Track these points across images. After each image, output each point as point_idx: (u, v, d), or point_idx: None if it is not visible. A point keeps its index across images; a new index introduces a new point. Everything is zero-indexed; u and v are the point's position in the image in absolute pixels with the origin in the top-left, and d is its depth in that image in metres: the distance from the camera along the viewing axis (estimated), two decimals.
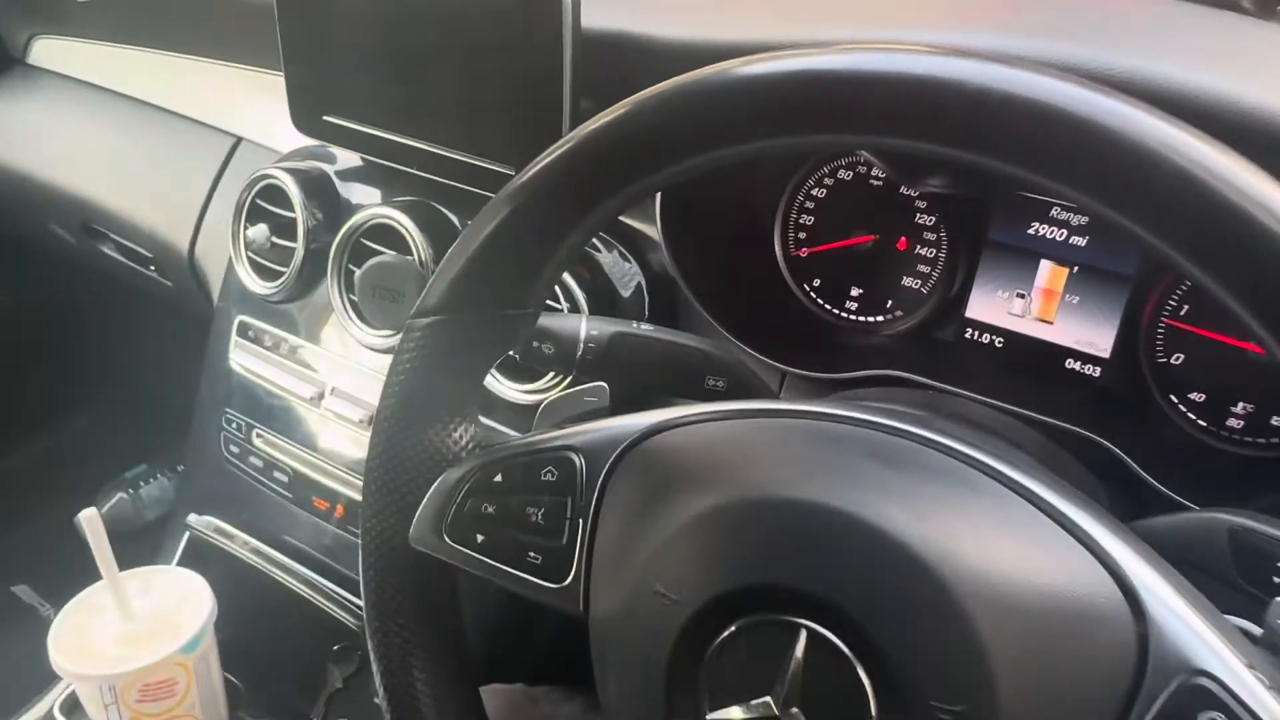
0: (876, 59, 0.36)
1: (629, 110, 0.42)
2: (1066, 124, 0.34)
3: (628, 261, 0.76)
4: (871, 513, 0.40)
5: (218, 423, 0.93)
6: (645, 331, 0.59)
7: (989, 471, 0.42)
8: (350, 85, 0.82)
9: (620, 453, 0.47)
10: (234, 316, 0.93)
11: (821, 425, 0.45)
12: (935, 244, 0.72)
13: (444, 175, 0.78)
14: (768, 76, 0.38)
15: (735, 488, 0.43)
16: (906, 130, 0.37)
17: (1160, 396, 0.67)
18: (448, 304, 0.47)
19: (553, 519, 0.47)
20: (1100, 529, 0.40)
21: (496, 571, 0.49)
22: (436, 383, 0.49)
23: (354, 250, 0.83)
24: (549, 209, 0.45)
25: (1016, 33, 0.57)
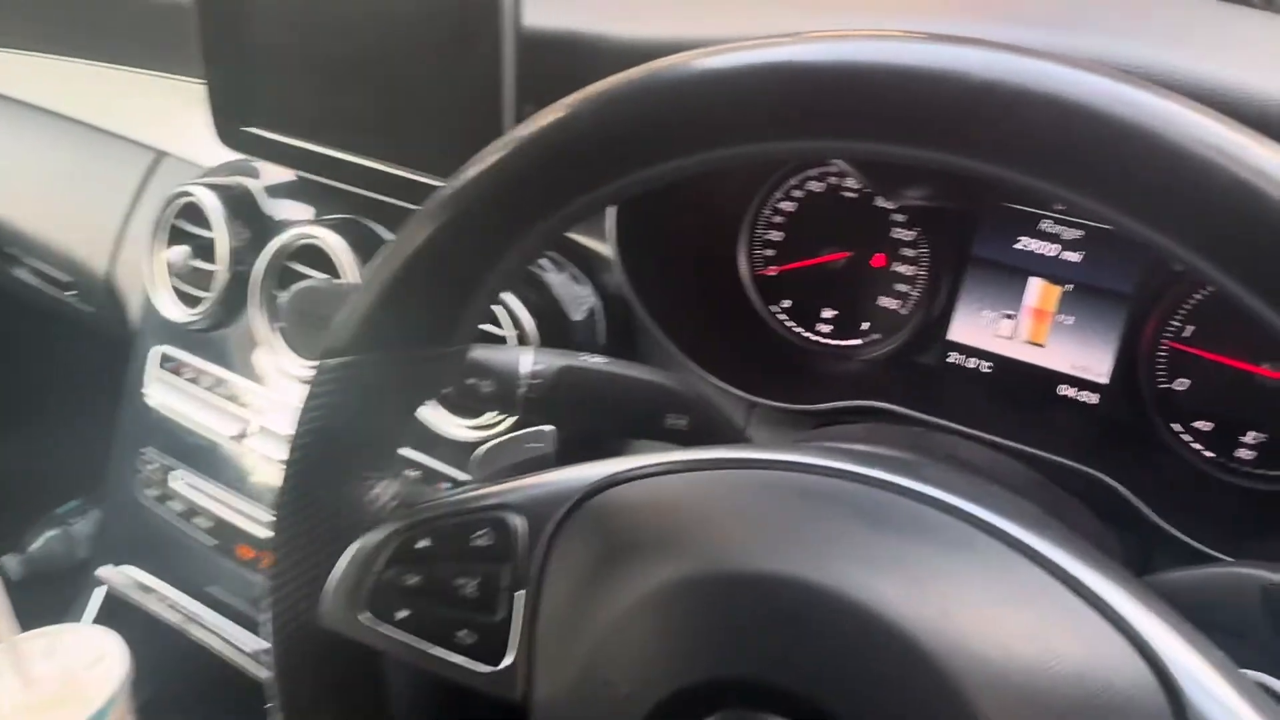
0: (864, 47, 0.30)
1: (566, 114, 0.36)
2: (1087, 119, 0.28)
3: (580, 284, 0.69)
4: (857, 588, 0.34)
5: (134, 466, 0.86)
6: (596, 364, 0.53)
7: (994, 531, 0.36)
8: (276, 94, 0.75)
9: (565, 513, 0.41)
10: (153, 347, 0.85)
11: (798, 478, 0.38)
12: (915, 261, 0.66)
13: (377, 190, 0.72)
14: (734, 71, 0.32)
15: (698, 558, 0.37)
16: (898, 135, 0.30)
17: (1163, 426, 0.61)
18: (360, 343, 0.40)
19: (487, 591, 0.41)
20: (1124, 597, 0.34)
21: (421, 653, 0.42)
22: (351, 433, 0.42)
23: (280, 273, 0.76)
24: (475, 231, 0.38)
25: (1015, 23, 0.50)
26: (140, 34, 0.94)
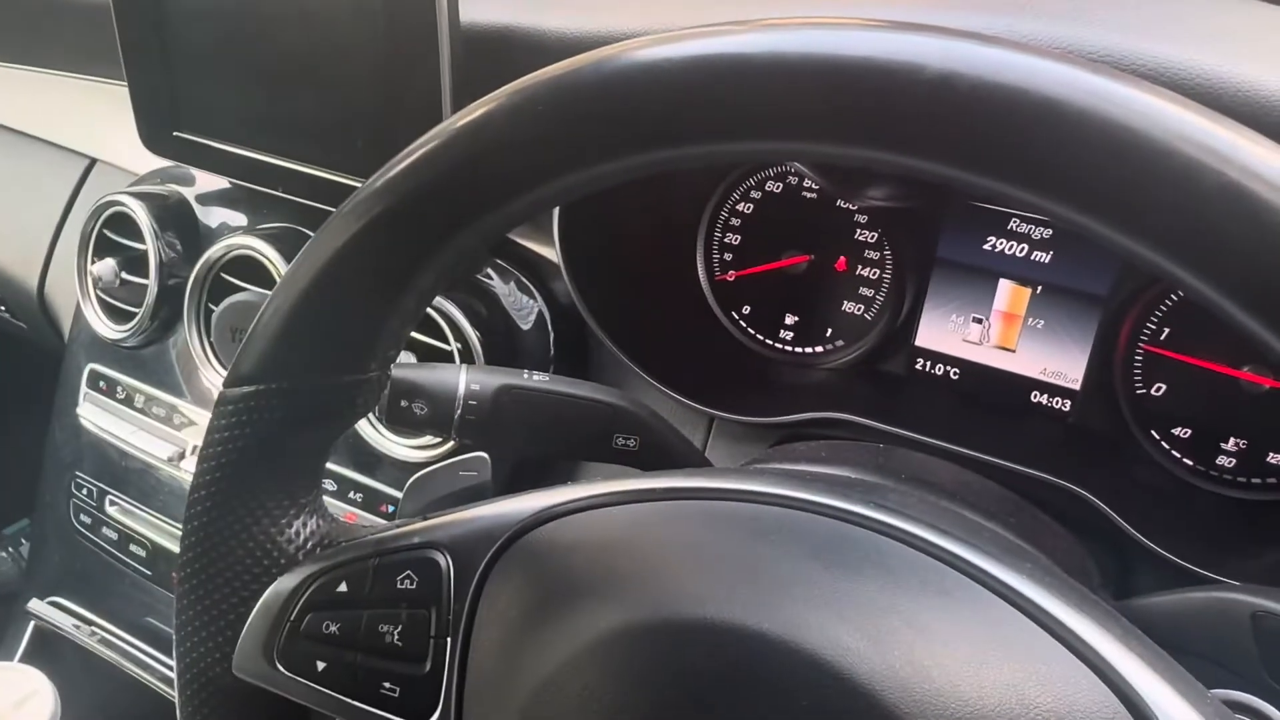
0: (794, 37, 0.27)
1: (482, 114, 0.32)
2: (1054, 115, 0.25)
3: (528, 294, 0.66)
4: (816, 638, 0.31)
5: (67, 488, 0.81)
6: (538, 384, 0.49)
7: (960, 566, 0.33)
8: (204, 97, 0.71)
9: (496, 550, 0.37)
10: (84, 364, 0.81)
11: (750, 510, 0.35)
12: (878, 264, 0.63)
13: (313, 197, 0.68)
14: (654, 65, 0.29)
15: (640, 604, 0.33)
16: (834, 135, 0.27)
17: (1140, 433, 0.59)
18: (267, 370, 0.37)
19: (412, 639, 0.37)
20: (1105, 638, 0.31)
21: (343, 707, 0.38)
22: (258, 468, 0.38)
23: (213, 286, 0.72)
24: (389, 245, 0.35)
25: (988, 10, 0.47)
26: (70, 37, 0.89)
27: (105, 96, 0.91)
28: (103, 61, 0.89)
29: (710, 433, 0.64)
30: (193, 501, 0.39)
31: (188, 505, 0.39)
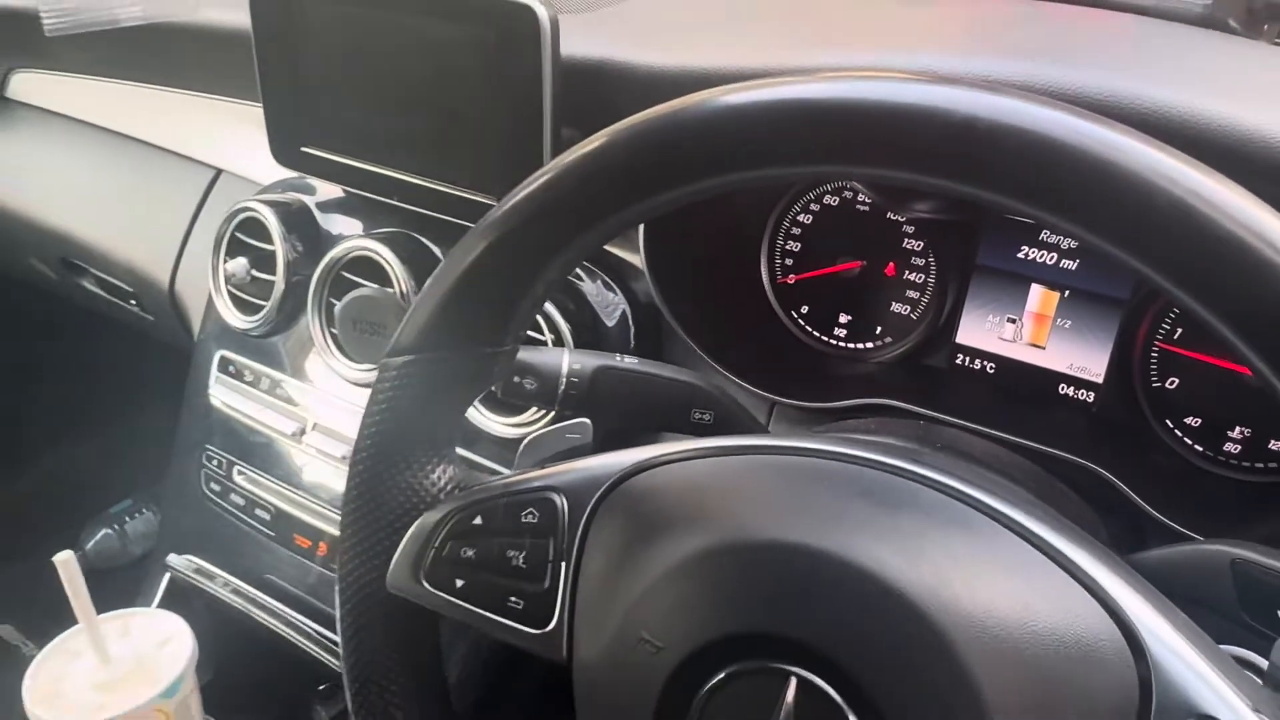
0: (857, 87, 0.35)
1: (605, 142, 0.41)
2: (1054, 153, 0.33)
3: (612, 291, 0.75)
4: (862, 555, 0.39)
5: (198, 460, 0.92)
6: (629, 365, 0.58)
7: (983, 508, 0.41)
8: (329, 117, 0.81)
9: (603, 493, 0.46)
10: (214, 351, 0.91)
11: (810, 463, 0.43)
12: (924, 269, 0.71)
13: (424, 206, 0.77)
14: (746, 107, 0.37)
15: (721, 530, 0.42)
16: (887, 160, 0.35)
17: (1155, 422, 0.66)
18: (423, 343, 0.46)
19: (534, 562, 0.46)
20: (1099, 567, 0.39)
21: (477, 617, 0.47)
22: (413, 423, 0.47)
23: (335, 283, 0.82)
24: (525, 244, 0.43)
25: (1002, 56, 0.56)
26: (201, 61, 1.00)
27: (229, 114, 1.01)
28: (229, 83, 0.99)
29: (771, 416, 0.72)
30: (358, 449, 0.48)
31: (354, 452, 0.48)
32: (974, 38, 0.63)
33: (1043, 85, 0.52)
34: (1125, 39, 0.63)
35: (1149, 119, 0.50)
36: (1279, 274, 0.31)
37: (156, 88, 1.06)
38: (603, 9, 0.79)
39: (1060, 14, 0.68)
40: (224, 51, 0.92)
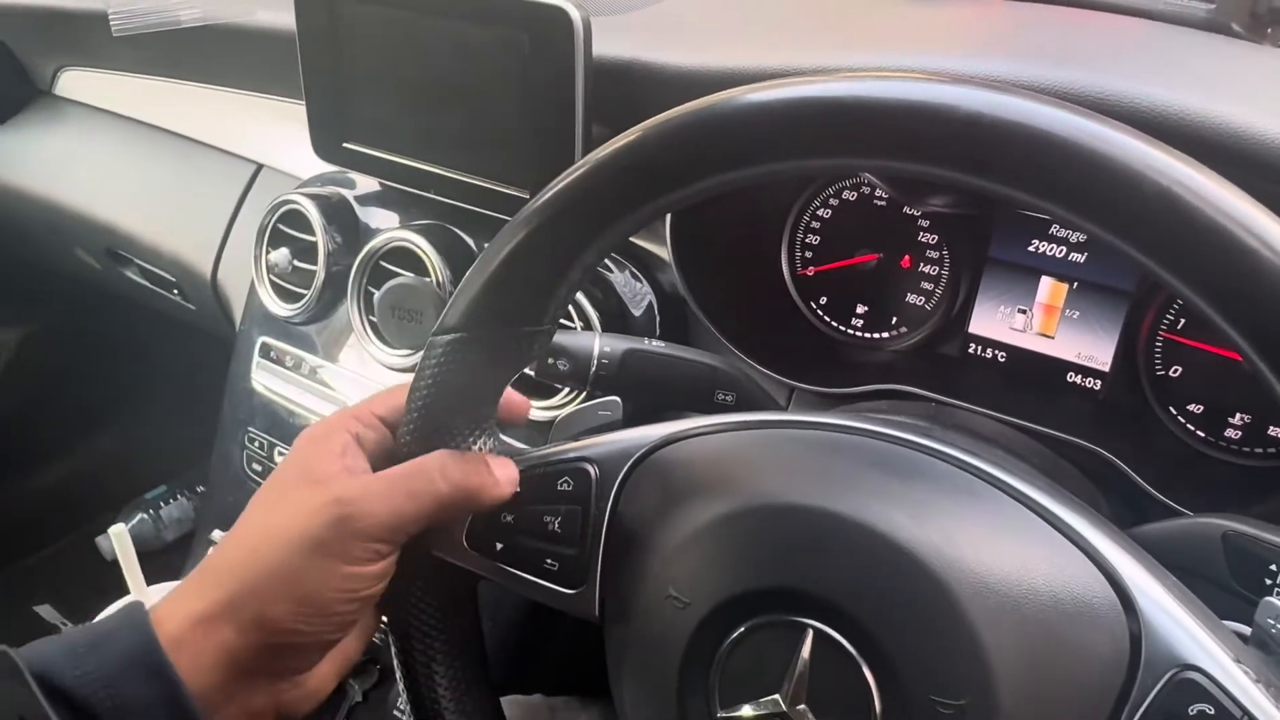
0: (871, 86, 0.38)
1: (637, 137, 0.44)
2: (1050, 145, 0.36)
3: (639, 281, 0.78)
4: (874, 517, 0.42)
5: (240, 441, 0.96)
6: (656, 348, 0.61)
7: (987, 478, 0.44)
8: (369, 114, 0.84)
9: (633, 463, 0.49)
10: (256, 338, 0.95)
11: (827, 435, 0.47)
12: (938, 262, 0.74)
13: (460, 199, 0.81)
14: (768, 104, 0.40)
15: (744, 496, 0.45)
16: (899, 154, 0.39)
17: (1159, 408, 0.68)
18: (468, 322, 0.49)
19: (569, 527, 0.49)
20: (1094, 532, 0.42)
21: (515, 578, 0.51)
22: (457, 397, 0.50)
23: (373, 272, 0.85)
24: (564, 230, 0.46)
25: (1010, 57, 0.59)
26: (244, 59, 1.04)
27: (270, 111, 1.05)
28: (272, 81, 1.03)
29: (790, 400, 0.75)
30: (406, 422, 0.52)
31: (403, 425, 0.52)
32: (984, 41, 0.66)
33: (1048, 86, 0.55)
34: (1129, 42, 0.66)
35: (1149, 119, 0.53)
36: (1259, 259, 0.34)
37: (200, 85, 1.10)
38: (632, 12, 0.83)
39: (1066, 18, 0.71)
40: (268, 51, 0.96)
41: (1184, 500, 0.62)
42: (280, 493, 0.47)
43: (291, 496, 0.46)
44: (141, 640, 0.41)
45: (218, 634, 0.43)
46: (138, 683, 0.40)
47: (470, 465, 0.48)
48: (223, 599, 0.43)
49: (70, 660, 0.40)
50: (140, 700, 0.40)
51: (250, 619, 0.43)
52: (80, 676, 0.40)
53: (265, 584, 0.43)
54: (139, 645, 0.41)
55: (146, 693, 0.40)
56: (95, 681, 0.40)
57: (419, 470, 0.47)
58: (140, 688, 0.40)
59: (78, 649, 0.41)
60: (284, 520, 0.45)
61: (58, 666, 0.40)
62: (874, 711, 0.41)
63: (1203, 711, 0.38)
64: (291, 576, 0.43)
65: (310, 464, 0.47)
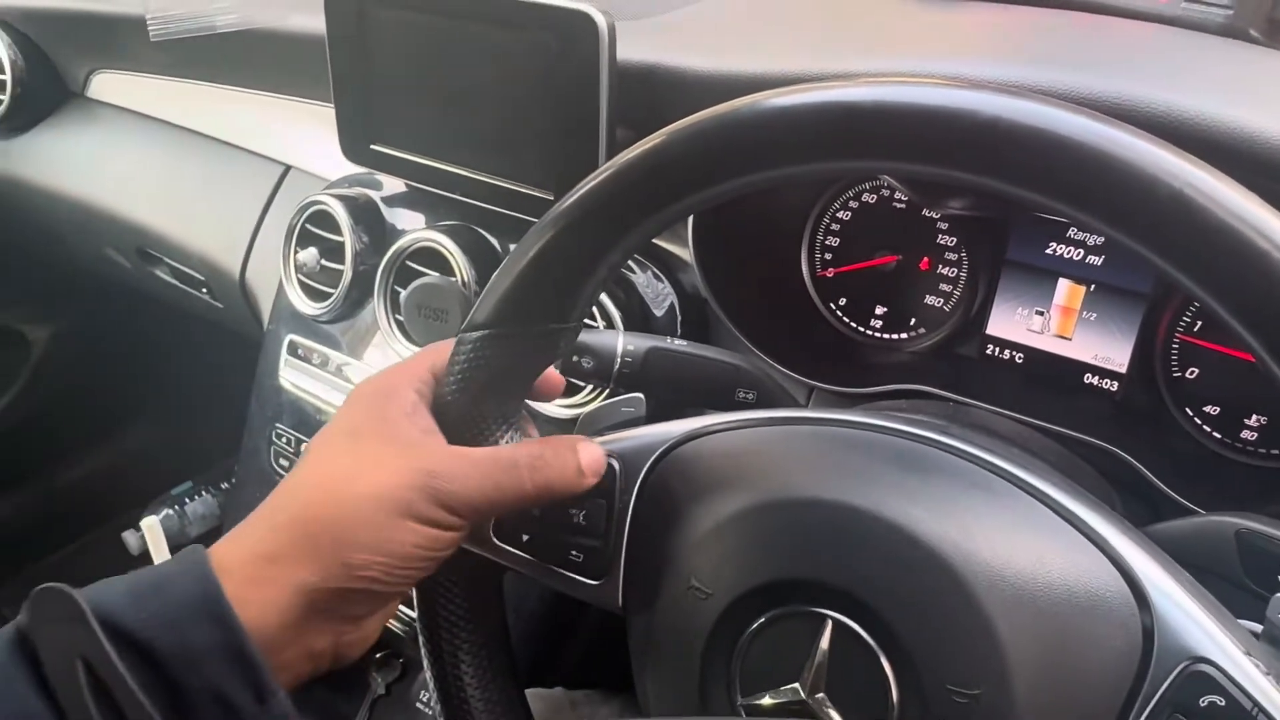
0: (891, 91, 0.39)
1: (664, 139, 0.45)
2: (1066, 149, 0.37)
3: (661, 282, 0.79)
4: (893, 511, 0.43)
5: (268, 438, 0.97)
6: (679, 347, 0.63)
7: (1004, 475, 0.45)
8: (397, 116, 0.86)
9: (656, 458, 0.50)
10: (284, 336, 0.97)
11: (846, 432, 0.48)
12: (957, 264, 0.75)
13: (485, 200, 0.82)
14: (790, 108, 0.42)
15: (764, 489, 0.46)
16: (918, 157, 0.40)
17: (1176, 410, 0.69)
18: (496, 319, 0.50)
19: (593, 520, 0.51)
20: (1109, 528, 0.43)
21: (541, 569, 0.52)
22: (485, 392, 0.52)
23: (399, 272, 0.87)
24: (591, 230, 0.48)
25: (1027, 63, 0.60)
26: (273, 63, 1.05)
27: (298, 113, 1.07)
28: (300, 84, 1.04)
29: (810, 400, 0.77)
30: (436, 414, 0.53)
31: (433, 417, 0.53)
32: (1001, 46, 0.67)
33: (1064, 91, 0.56)
34: (1146, 48, 0.67)
35: (1165, 124, 0.54)
36: (1269, 261, 0.35)
37: (230, 88, 1.12)
38: (655, 17, 0.84)
39: (1083, 23, 0.72)
40: (297, 55, 0.98)
41: (1199, 500, 0.63)
42: (356, 444, 0.47)
43: (372, 451, 0.47)
44: (203, 584, 0.42)
45: (294, 574, 0.43)
46: (199, 627, 0.41)
47: (559, 460, 0.48)
48: (301, 540, 0.44)
49: (133, 603, 0.41)
50: (202, 644, 0.41)
51: (332, 562, 0.44)
52: (143, 619, 0.40)
53: (349, 531, 0.44)
54: (201, 589, 0.41)
55: (209, 637, 0.41)
56: (158, 624, 0.40)
57: (510, 464, 0.47)
58: (202, 632, 0.41)
59: (140, 592, 0.41)
60: (370, 475, 0.45)
61: (120, 609, 0.40)
62: (891, 701, 0.42)
63: (1213, 703, 0.39)
64: (378, 529, 0.44)
65: (387, 420, 0.48)
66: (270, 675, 0.42)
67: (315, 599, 0.44)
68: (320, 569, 0.44)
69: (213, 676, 0.41)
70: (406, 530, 0.45)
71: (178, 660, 0.40)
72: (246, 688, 0.41)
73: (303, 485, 0.47)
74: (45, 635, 0.40)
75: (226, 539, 0.46)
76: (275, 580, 0.43)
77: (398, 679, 1.00)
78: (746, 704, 0.45)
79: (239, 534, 0.46)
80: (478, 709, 0.55)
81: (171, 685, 0.40)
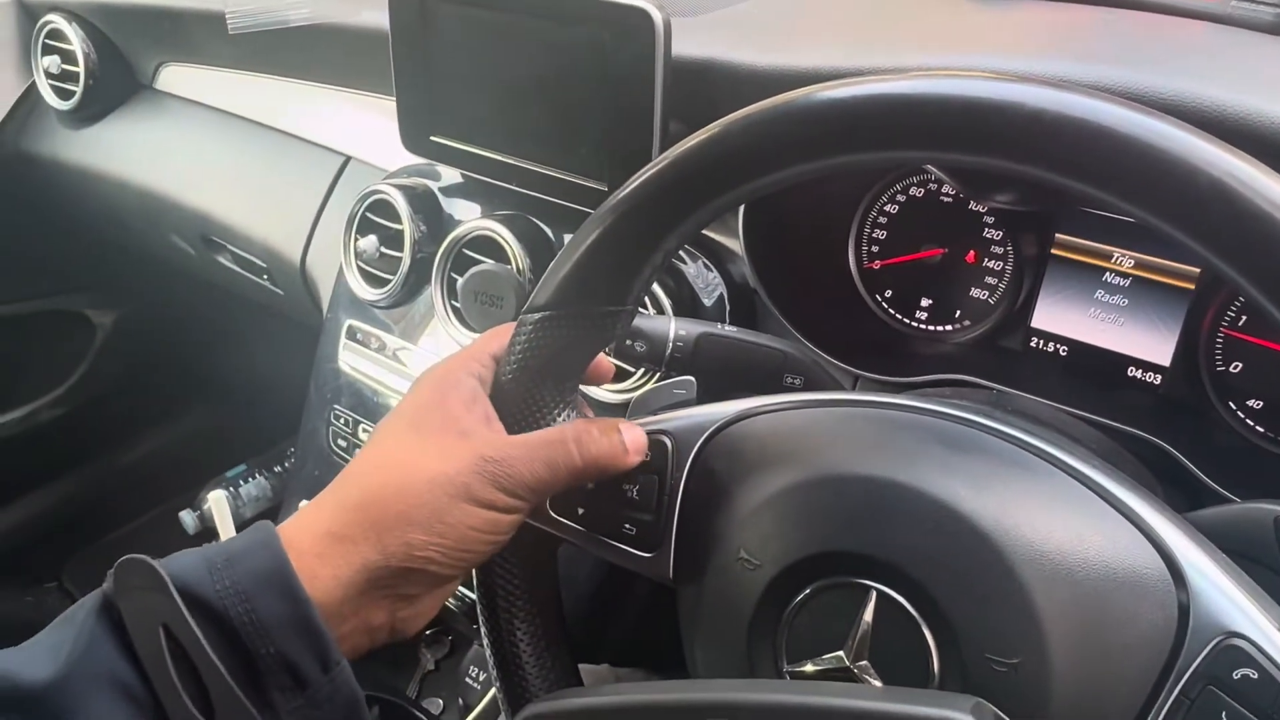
0: (939, 84, 0.41)
1: (721, 129, 0.47)
2: (1107, 139, 0.38)
3: (711, 272, 0.81)
4: (936, 487, 0.45)
5: (326, 419, 1.01)
6: (729, 332, 0.65)
7: (1044, 456, 0.46)
8: (456, 108, 0.89)
9: (708, 436, 0.52)
10: (343, 320, 1.00)
11: (891, 414, 0.50)
12: (1002, 257, 0.76)
13: (541, 191, 0.85)
14: (840, 101, 0.43)
15: (813, 466, 0.48)
16: (967, 146, 0.41)
17: (1219, 403, 0.70)
18: (557, 301, 0.52)
19: (646, 495, 0.53)
20: (1147, 509, 0.44)
21: (594, 541, 0.54)
22: (545, 371, 0.54)
23: (456, 259, 0.90)
24: (649, 217, 0.50)
25: (1074, 59, 0.61)
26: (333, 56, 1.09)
27: (358, 105, 1.10)
28: (361, 77, 1.08)
29: (855, 388, 0.78)
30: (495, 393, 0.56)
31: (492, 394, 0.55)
32: (1052, 43, 0.68)
33: (1112, 86, 0.57)
34: (1193, 45, 0.67)
35: (1210, 118, 0.55)
36: None
37: (293, 80, 1.16)
38: (709, 13, 0.86)
39: (1132, 21, 0.73)
40: (360, 48, 1.01)
41: (1241, 493, 0.63)
42: (421, 433, 0.50)
43: (436, 440, 0.50)
44: (273, 560, 0.45)
45: (359, 553, 0.47)
46: (270, 599, 0.44)
47: (605, 438, 0.51)
48: (366, 521, 0.47)
49: (208, 575, 0.44)
50: (273, 616, 0.44)
51: (394, 543, 0.47)
52: (218, 591, 0.44)
53: (412, 514, 0.47)
54: (271, 564, 0.45)
55: (279, 610, 0.44)
56: (232, 595, 0.44)
57: (559, 441, 0.51)
58: (273, 604, 0.44)
59: (215, 564, 0.44)
60: (433, 463, 0.48)
61: (197, 580, 0.44)
62: (932, 668, 0.44)
63: (1246, 675, 0.40)
64: (438, 513, 0.47)
65: (450, 411, 0.51)
66: (335, 647, 0.45)
67: (376, 577, 0.47)
68: (382, 549, 0.47)
69: (282, 646, 0.44)
70: (465, 513, 0.48)
71: (249, 630, 0.44)
72: (314, 658, 0.45)
73: (368, 470, 0.50)
74: (130, 603, 0.43)
75: (295, 518, 0.49)
76: (340, 558, 0.47)
77: (446, 655, 1.03)
78: (792, 671, 0.47)
79: (306, 513, 0.49)
80: (532, 675, 0.57)
81: (244, 652, 0.44)
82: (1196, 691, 0.41)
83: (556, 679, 0.58)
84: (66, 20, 1.27)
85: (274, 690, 0.44)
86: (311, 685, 0.45)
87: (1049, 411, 0.67)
